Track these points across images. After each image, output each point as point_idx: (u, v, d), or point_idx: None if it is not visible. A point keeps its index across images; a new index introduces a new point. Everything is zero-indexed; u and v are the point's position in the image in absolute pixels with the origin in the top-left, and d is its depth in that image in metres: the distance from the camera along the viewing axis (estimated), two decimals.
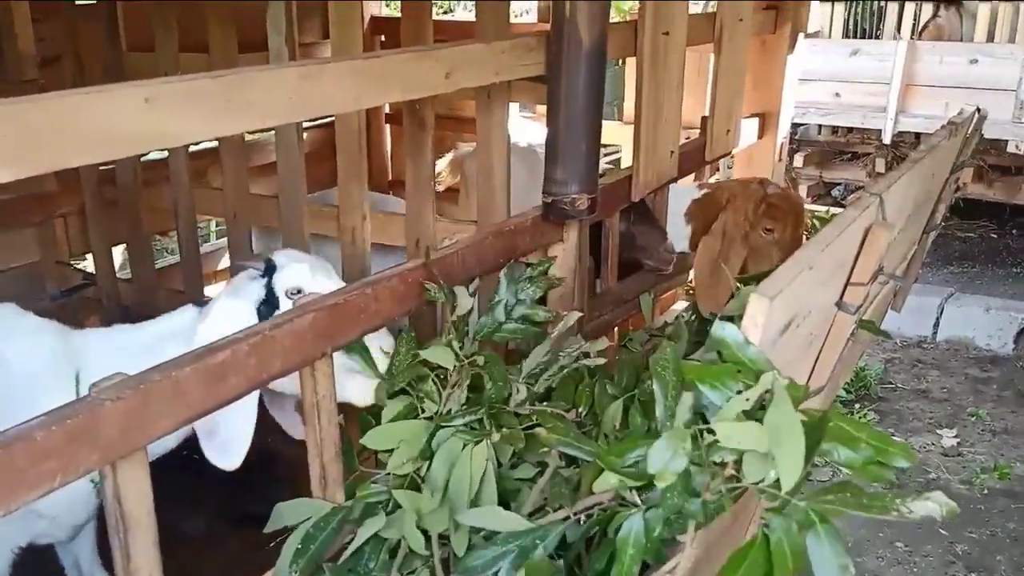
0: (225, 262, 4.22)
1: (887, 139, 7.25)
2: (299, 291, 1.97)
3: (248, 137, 3.60)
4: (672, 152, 2.87)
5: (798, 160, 7.88)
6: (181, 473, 1.96)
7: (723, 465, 1.40)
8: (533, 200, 2.35)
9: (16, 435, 1.24)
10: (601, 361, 1.94)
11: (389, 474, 1.83)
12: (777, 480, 1.29)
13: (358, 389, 1.90)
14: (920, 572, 3.64)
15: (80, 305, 3.64)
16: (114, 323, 2.29)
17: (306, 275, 1.99)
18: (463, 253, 2.05)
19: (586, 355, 1.98)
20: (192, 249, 3.42)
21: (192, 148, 3.37)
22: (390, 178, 5.05)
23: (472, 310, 1.97)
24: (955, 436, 4.66)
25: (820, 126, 8.01)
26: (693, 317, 2.57)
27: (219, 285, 3.99)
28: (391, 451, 1.83)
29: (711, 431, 1.39)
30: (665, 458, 1.37)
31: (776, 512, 1.31)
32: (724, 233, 3.00)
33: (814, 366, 2.01)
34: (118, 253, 3.99)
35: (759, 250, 2.97)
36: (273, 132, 3.24)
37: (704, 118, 3.25)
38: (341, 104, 1.77)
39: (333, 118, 2.88)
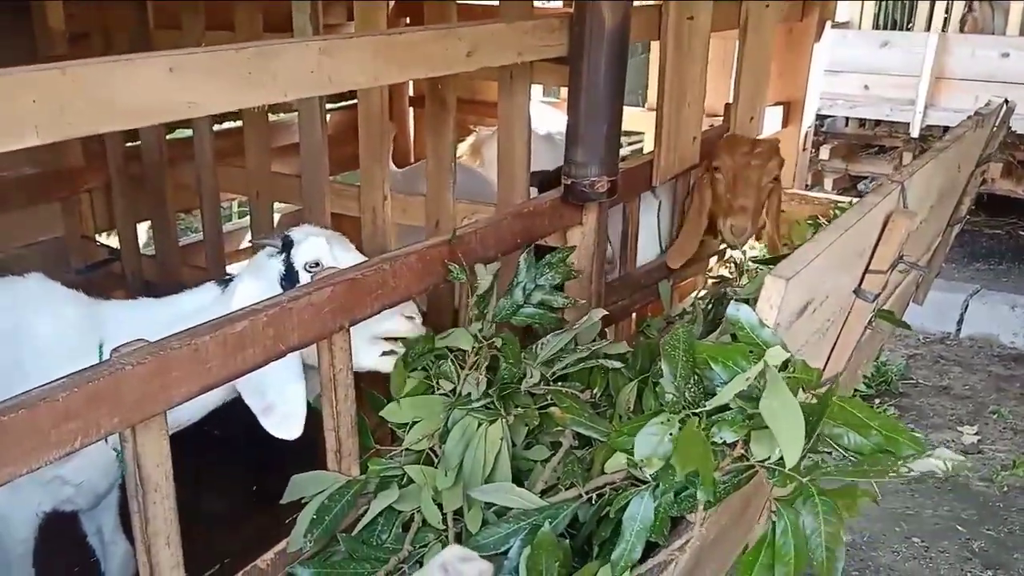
0: (247, 242, 4.26)
1: (915, 133, 7.16)
2: (317, 264, 1.98)
3: (271, 117, 3.63)
4: (695, 138, 2.85)
5: (824, 152, 7.80)
6: (201, 452, 1.98)
7: (732, 445, 1.40)
8: None
9: (40, 395, 1.27)
10: (618, 365, 1.93)
11: (402, 450, 1.85)
12: (781, 458, 1.30)
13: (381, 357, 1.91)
14: (936, 568, 3.62)
15: (104, 280, 3.69)
16: (138, 298, 2.32)
17: (323, 248, 2.00)
18: (482, 233, 2.06)
19: (606, 355, 1.97)
20: (215, 227, 3.46)
21: (216, 127, 3.40)
22: (412, 160, 5.06)
23: (491, 289, 1.98)
24: (976, 433, 4.61)
25: (847, 118, 7.92)
26: (710, 304, 2.57)
27: (241, 263, 4.02)
28: (406, 427, 1.86)
29: (712, 412, 1.39)
30: (652, 444, 1.38)
31: (786, 503, 1.32)
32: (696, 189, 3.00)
33: (831, 353, 2.00)
34: (142, 230, 4.03)
35: (717, 194, 2.92)
36: (296, 113, 3.26)
37: (728, 104, 3.23)
38: (362, 79, 1.78)
39: (356, 100, 2.89)
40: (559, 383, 1.92)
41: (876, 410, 1.35)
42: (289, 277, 2.02)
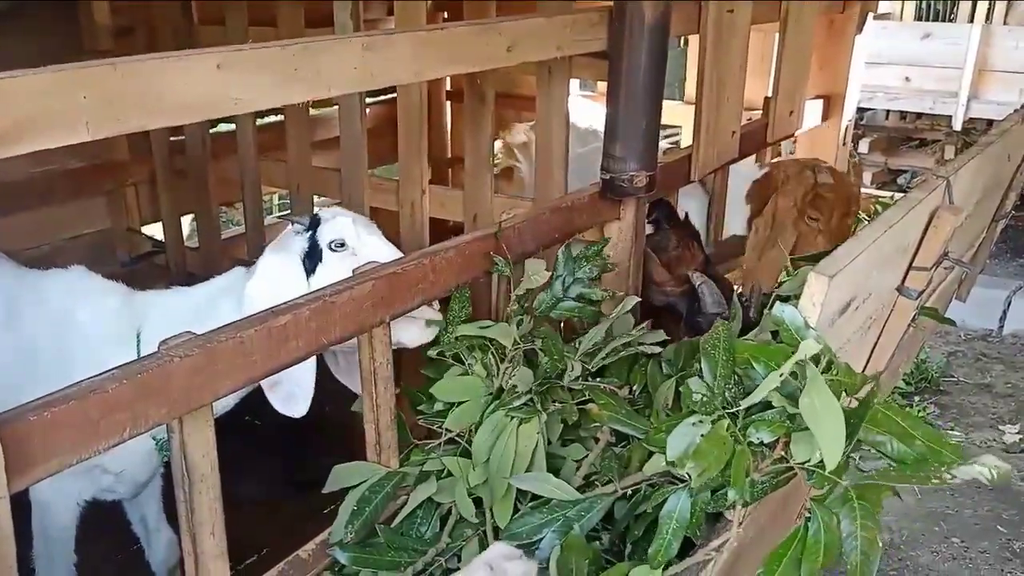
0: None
1: (957, 125, 7.04)
2: (342, 244, 1.99)
3: (312, 111, 3.66)
4: (733, 132, 2.83)
5: (863, 146, 7.70)
6: (239, 439, 2.01)
7: (772, 446, 1.40)
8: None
9: (90, 387, 1.30)
10: (656, 350, 1.93)
11: (442, 442, 1.87)
12: (822, 460, 1.29)
13: (412, 332, 1.94)
14: (976, 568, 3.57)
15: (148, 272, 3.76)
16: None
17: (349, 228, 2.01)
18: (520, 228, 2.06)
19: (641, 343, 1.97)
20: (257, 220, 3.50)
21: (259, 122, 3.44)
22: (449, 155, 5.07)
23: (538, 286, 1.99)
24: (1018, 432, 4.54)
25: (888, 111, 7.80)
26: (747, 301, 2.55)
27: None
28: (443, 420, 1.87)
29: (749, 411, 1.39)
30: (684, 444, 1.38)
31: (819, 502, 1.31)
32: (774, 217, 2.99)
33: (872, 352, 1.98)
34: (186, 222, 4.09)
35: (806, 237, 2.93)
36: (336, 107, 3.29)
37: (767, 99, 3.20)
38: (404, 75, 1.79)
39: (395, 95, 2.91)
40: (598, 379, 1.92)
41: (919, 417, 1.34)
42: (312, 254, 2.02)
